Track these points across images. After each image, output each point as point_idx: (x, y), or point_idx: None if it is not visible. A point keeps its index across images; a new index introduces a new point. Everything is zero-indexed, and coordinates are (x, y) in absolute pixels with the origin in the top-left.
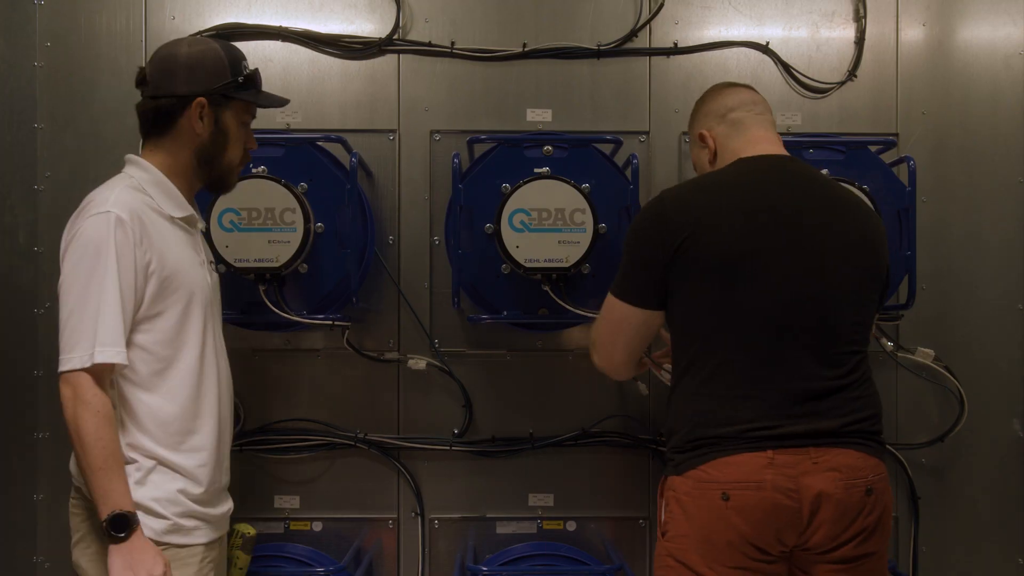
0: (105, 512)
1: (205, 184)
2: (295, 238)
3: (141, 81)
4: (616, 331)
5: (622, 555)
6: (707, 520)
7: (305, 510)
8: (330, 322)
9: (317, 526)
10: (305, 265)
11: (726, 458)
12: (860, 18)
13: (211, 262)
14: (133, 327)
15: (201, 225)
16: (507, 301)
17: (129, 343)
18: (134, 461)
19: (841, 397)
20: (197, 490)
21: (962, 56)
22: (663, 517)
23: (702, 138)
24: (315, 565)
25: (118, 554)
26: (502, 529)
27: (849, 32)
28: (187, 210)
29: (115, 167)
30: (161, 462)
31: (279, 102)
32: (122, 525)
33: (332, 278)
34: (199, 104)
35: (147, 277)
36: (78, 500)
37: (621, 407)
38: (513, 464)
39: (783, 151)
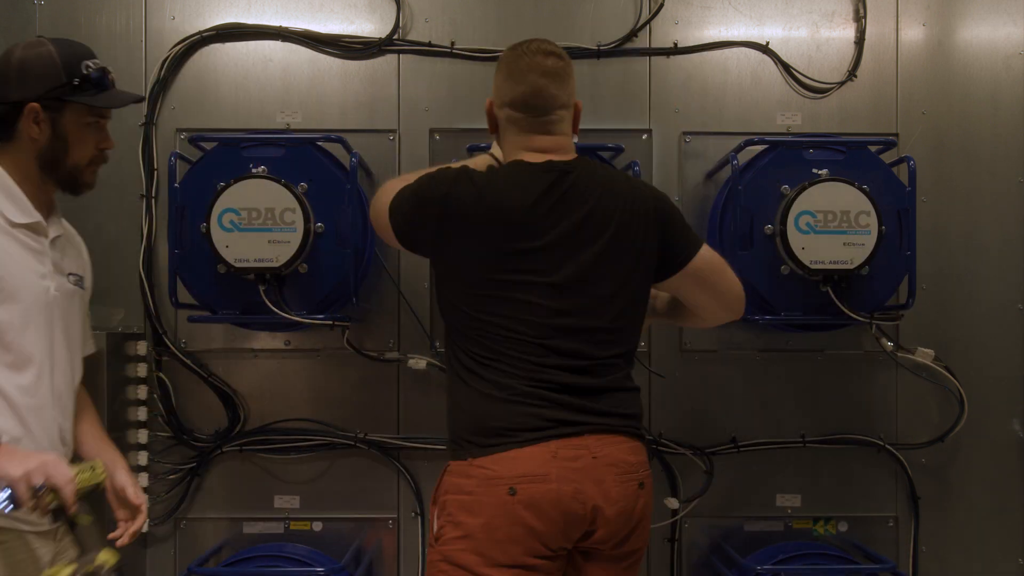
0: None
1: (58, 186)
2: (295, 238)
3: None
4: None
5: None
6: (492, 516)
7: (305, 510)
8: (330, 322)
9: (317, 526)
10: (305, 265)
11: (511, 452)
12: (860, 18)
13: (71, 275)
14: None
15: (54, 233)
16: None
17: None
18: None
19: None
20: None
21: (962, 56)
22: (438, 523)
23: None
24: (315, 565)
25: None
26: None
27: (849, 32)
28: (32, 216)
29: (115, 167)
30: None
31: (122, 101)
32: None
33: (332, 278)
34: (31, 110)
35: None
36: None
37: None
38: None
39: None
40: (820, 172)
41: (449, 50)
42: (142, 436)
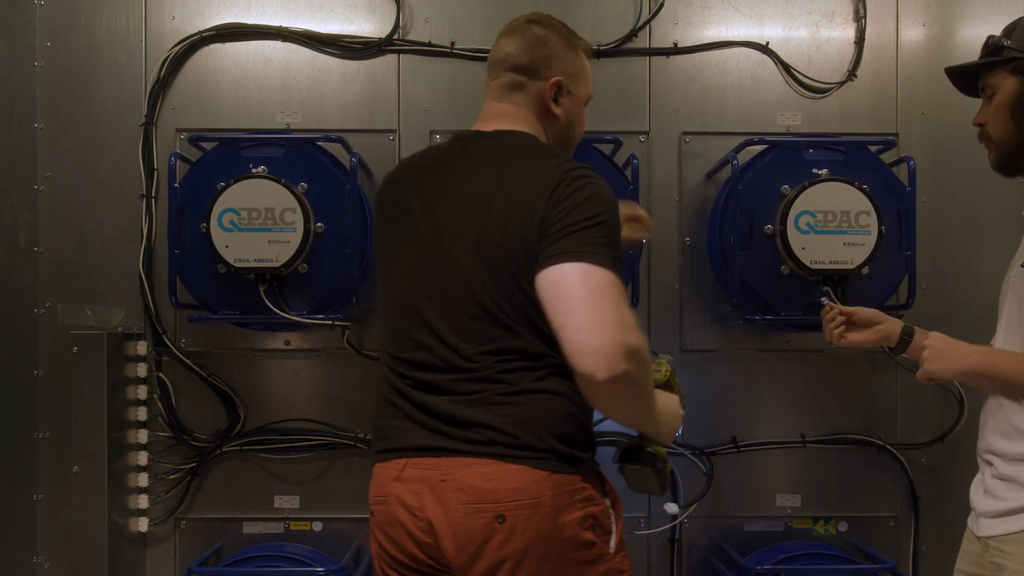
0: None
1: None
2: (295, 238)
3: None
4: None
5: None
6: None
7: (305, 510)
8: (330, 322)
9: (317, 526)
10: (305, 265)
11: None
12: (860, 18)
13: None
14: None
15: None
16: None
17: None
18: None
19: (488, 396)
20: None
21: (962, 56)
22: None
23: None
24: (315, 565)
25: None
26: None
27: (849, 32)
28: None
29: (115, 167)
30: None
31: None
32: None
33: (332, 278)
34: None
35: None
36: None
37: None
38: None
39: (506, 123)
40: (820, 172)
41: (449, 50)
42: (142, 436)
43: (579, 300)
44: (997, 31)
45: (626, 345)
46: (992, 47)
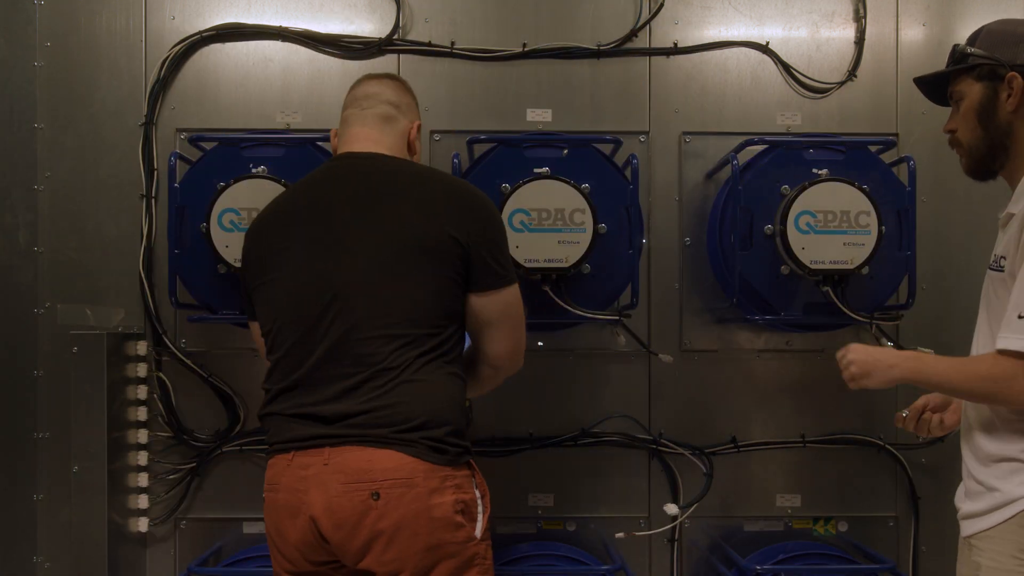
0: None
1: None
2: None
3: None
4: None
5: (622, 555)
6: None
7: None
8: None
9: None
10: None
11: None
12: (860, 18)
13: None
14: None
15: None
16: None
17: None
18: None
19: (368, 388)
20: None
21: None
22: None
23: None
24: None
25: None
26: (503, 529)
27: (849, 32)
28: None
29: (115, 167)
30: None
31: None
32: None
33: None
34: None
35: None
36: None
37: (621, 407)
38: (513, 464)
39: (379, 148)
40: (820, 172)
41: (449, 50)
42: (142, 436)
43: (518, 319)
44: None
45: None
46: (958, 55)
